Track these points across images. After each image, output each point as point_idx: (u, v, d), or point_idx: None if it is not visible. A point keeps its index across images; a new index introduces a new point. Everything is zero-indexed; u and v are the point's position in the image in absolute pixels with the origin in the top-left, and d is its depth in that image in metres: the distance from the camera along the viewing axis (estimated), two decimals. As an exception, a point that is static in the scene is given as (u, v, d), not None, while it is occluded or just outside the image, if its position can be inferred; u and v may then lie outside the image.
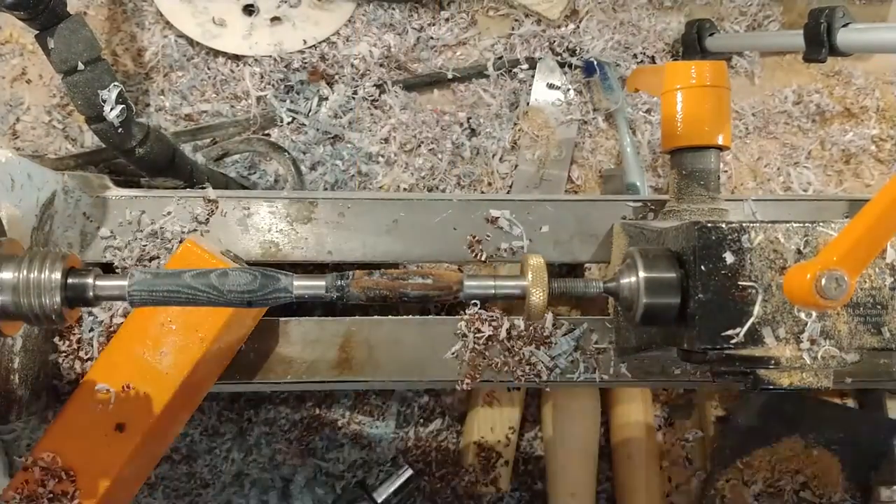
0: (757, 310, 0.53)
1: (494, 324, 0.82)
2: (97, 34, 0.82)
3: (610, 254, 0.85)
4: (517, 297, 0.56)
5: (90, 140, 1.05)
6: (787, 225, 0.55)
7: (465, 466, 1.02)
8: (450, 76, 1.10)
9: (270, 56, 1.08)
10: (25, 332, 0.73)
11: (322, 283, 0.55)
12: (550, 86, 1.11)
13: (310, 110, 1.08)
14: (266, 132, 1.08)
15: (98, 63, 0.79)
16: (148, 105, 1.08)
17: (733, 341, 0.53)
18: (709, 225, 0.55)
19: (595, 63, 1.11)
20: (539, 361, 0.83)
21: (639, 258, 0.57)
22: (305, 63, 1.09)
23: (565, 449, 1.00)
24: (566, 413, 1.01)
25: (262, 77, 1.08)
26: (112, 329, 0.77)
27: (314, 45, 1.09)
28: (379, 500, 0.98)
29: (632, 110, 1.12)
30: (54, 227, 0.78)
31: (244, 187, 1.02)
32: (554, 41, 1.13)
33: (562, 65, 1.12)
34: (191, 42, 1.08)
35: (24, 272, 0.52)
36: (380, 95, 1.10)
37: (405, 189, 1.07)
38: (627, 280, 0.58)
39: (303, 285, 0.54)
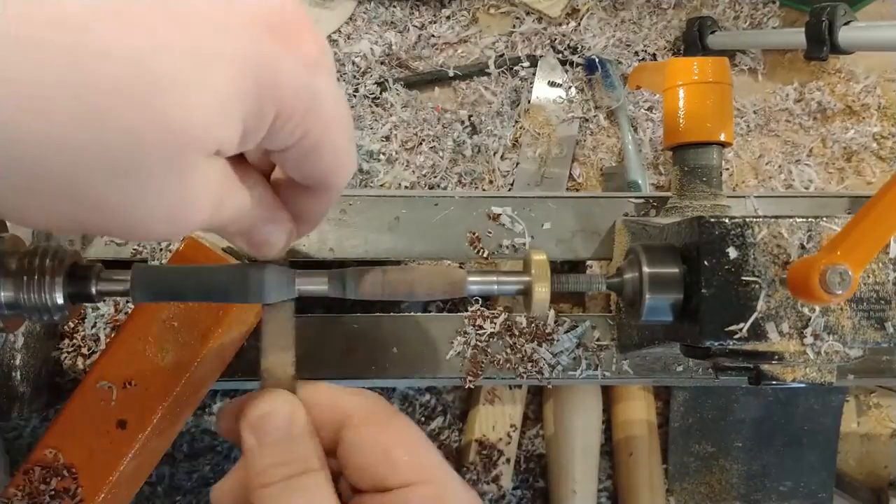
0: (760, 305, 0.53)
1: (496, 320, 0.82)
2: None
3: (612, 251, 0.85)
4: (520, 293, 0.56)
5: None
6: (791, 220, 0.54)
7: (466, 464, 1.02)
8: (451, 74, 1.10)
9: (271, 54, 1.08)
10: (27, 329, 0.73)
11: (324, 279, 0.55)
12: (552, 83, 1.11)
13: (311, 108, 1.08)
14: (267, 130, 1.08)
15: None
16: (149, 103, 1.07)
17: (737, 336, 0.53)
18: (712, 220, 0.55)
19: (596, 60, 1.11)
20: (541, 358, 0.82)
21: (643, 254, 0.57)
22: (306, 61, 1.08)
23: (567, 446, 1.00)
24: (568, 410, 1.01)
25: (263, 75, 1.08)
26: (117, 323, 0.77)
27: (315, 43, 1.09)
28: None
29: (633, 108, 1.12)
30: (56, 224, 0.78)
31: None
32: (555, 39, 1.13)
33: (563, 62, 1.12)
34: (192, 40, 1.08)
35: (27, 268, 0.52)
36: (381, 93, 1.09)
37: (406, 187, 1.07)
38: (631, 276, 0.58)
39: (306, 281, 0.54)
